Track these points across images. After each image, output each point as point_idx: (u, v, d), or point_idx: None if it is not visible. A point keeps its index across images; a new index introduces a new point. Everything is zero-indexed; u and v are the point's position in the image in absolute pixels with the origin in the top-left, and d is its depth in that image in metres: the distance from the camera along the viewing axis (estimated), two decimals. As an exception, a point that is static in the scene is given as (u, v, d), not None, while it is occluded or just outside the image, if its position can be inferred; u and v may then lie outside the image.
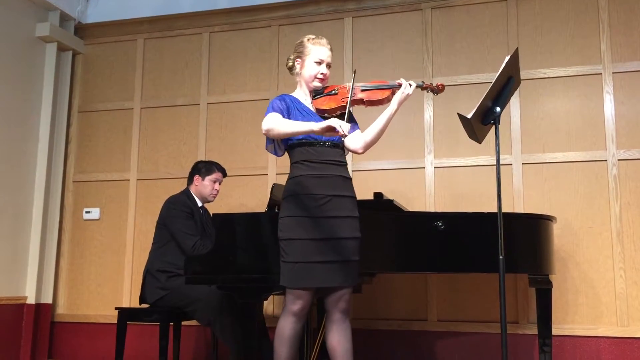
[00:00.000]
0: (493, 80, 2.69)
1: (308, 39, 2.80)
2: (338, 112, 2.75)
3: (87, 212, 5.02)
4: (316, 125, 2.49)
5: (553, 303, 3.39)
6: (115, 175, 5.02)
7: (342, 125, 2.40)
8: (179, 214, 3.69)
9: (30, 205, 4.82)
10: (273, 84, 4.79)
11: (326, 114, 2.74)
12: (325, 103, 2.74)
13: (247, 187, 4.70)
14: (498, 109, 2.72)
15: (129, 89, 5.11)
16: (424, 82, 2.92)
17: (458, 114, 2.82)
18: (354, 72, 2.74)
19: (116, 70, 5.18)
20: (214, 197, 3.91)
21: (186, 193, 3.88)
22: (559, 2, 4.33)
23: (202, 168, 3.89)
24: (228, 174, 4.38)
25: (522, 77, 3.10)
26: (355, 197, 2.77)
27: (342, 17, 4.72)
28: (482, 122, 2.76)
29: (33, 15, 4.90)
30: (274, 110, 2.68)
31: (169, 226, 3.69)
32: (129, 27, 5.16)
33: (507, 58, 2.71)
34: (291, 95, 2.81)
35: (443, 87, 2.92)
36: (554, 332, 3.59)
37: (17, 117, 4.74)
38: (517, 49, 2.80)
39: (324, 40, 2.81)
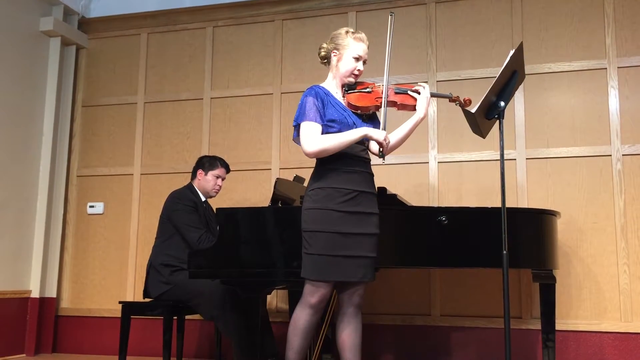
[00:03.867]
0: (497, 75, 2.68)
1: (347, 32, 2.77)
2: (371, 111, 2.79)
3: (91, 207, 5.03)
4: (369, 131, 2.66)
5: (556, 298, 3.39)
6: (119, 169, 5.02)
7: (387, 143, 2.68)
8: (183, 208, 3.70)
9: (35, 199, 4.83)
10: (276, 79, 4.78)
11: (359, 111, 2.75)
12: (360, 100, 2.74)
13: (251, 182, 4.71)
14: (502, 103, 2.71)
15: (133, 84, 5.11)
16: (451, 94, 2.93)
17: (462, 108, 2.81)
18: (392, 15, 2.79)
19: (120, 64, 5.18)
20: (217, 193, 3.92)
21: (189, 187, 3.88)
22: (564, -4, 4.32)
23: (206, 163, 3.89)
24: (232, 169, 4.39)
25: (526, 72, 3.09)
26: (376, 194, 2.78)
27: (346, 11, 4.71)
28: (486, 116, 2.76)
29: (37, 9, 4.90)
30: (310, 119, 2.63)
31: (173, 220, 3.70)
32: (133, 21, 5.16)
33: (512, 52, 2.70)
34: (323, 87, 2.76)
35: (470, 101, 2.91)
36: (558, 327, 3.59)
37: (21, 112, 4.75)
38: (521, 43, 2.79)
39: (363, 36, 2.78)
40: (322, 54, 2.82)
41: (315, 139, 2.62)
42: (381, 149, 2.66)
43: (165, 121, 4.99)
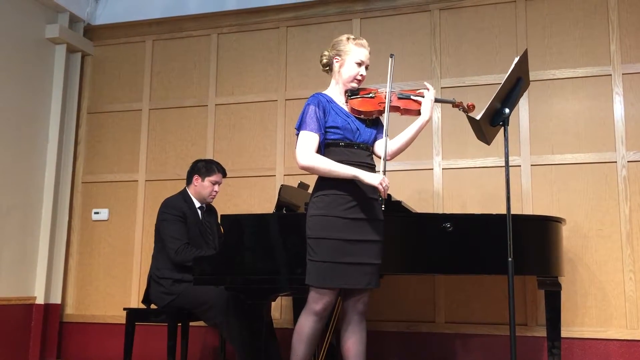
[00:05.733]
0: (502, 82, 2.68)
1: (349, 39, 2.78)
2: (374, 116, 2.78)
3: (95, 213, 5.04)
4: (364, 175, 2.58)
5: (562, 305, 3.37)
6: (124, 176, 5.03)
7: (386, 188, 2.54)
8: (168, 217, 3.66)
9: (40, 205, 4.84)
10: (281, 85, 4.79)
11: (362, 116, 2.75)
12: (362, 105, 2.73)
13: (255, 188, 4.71)
14: (507, 110, 2.71)
15: (138, 90, 5.13)
16: (455, 99, 2.92)
17: (467, 115, 2.81)
18: (392, 57, 2.76)
19: (125, 71, 5.20)
20: (213, 199, 3.85)
21: (183, 194, 3.81)
22: (568, 3, 4.31)
23: (202, 168, 3.79)
24: (236, 175, 4.40)
25: (531, 79, 3.09)
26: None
27: (351, 18, 4.72)
28: (491, 123, 2.76)
29: (43, 16, 4.93)
30: (308, 129, 2.64)
31: (159, 230, 3.70)
32: (138, 28, 5.18)
33: (516, 59, 2.70)
34: (326, 95, 2.77)
35: (474, 107, 2.91)
36: (563, 334, 3.57)
37: (27, 119, 4.77)
38: (526, 50, 2.79)
39: (365, 42, 2.79)
40: (324, 61, 2.83)
41: (310, 155, 2.62)
42: (380, 196, 2.58)
43: (170, 128, 5.01)
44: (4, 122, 4.55)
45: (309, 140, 2.64)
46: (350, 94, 2.78)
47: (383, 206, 2.59)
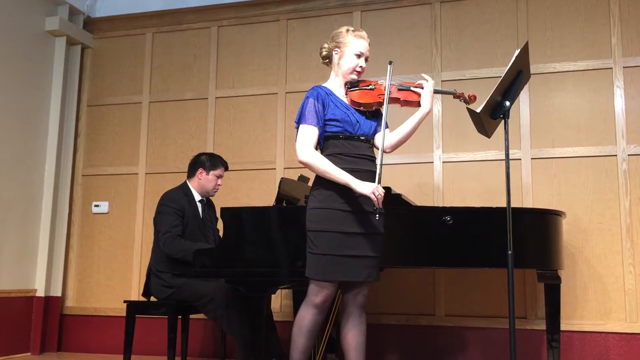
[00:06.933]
0: (502, 75, 2.67)
1: (348, 30, 2.77)
2: (374, 108, 2.77)
3: (96, 206, 5.04)
4: (356, 184, 2.55)
5: (561, 298, 3.38)
6: (124, 169, 5.03)
7: (379, 198, 2.50)
8: (163, 210, 3.68)
9: (40, 198, 4.84)
10: (281, 78, 4.78)
11: (362, 108, 2.74)
12: (362, 97, 2.73)
13: (255, 181, 4.71)
14: (507, 103, 2.70)
15: (138, 83, 5.12)
16: (456, 91, 2.91)
17: (467, 108, 2.81)
18: (390, 63, 2.74)
19: (125, 64, 5.19)
20: (216, 192, 3.87)
21: (183, 187, 3.81)
22: (570, -5, 4.31)
23: (207, 162, 3.80)
24: (236, 168, 4.38)
25: (531, 72, 3.08)
26: None
27: (351, 11, 4.71)
28: (492, 116, 2.75)
29: (42, 9, 4.92)
30: (308, 122, 2.64)
31: (155, 221, 3.71)
32: (138, 21, 5.17)
33: (517, 52, 2.69)
34: (325, 87, 2.76)
35: (475, 97, 2.90)
36: (563, 327, 3.58)
37: (27, 112, 4.76)
38: (527, 42, 2.78)
39: (364, 33, 2.78)
40: (324, 53, 2.82)
41: (309, 151, 2.62)
42: (375, 207, 2.53)
43: (170, 121, 5.00)
44: (3, 115, 4.55)
45: (308, 134, 2.64)
46: (350, 85, 2.77)
47: (377, 216, 2.52)
